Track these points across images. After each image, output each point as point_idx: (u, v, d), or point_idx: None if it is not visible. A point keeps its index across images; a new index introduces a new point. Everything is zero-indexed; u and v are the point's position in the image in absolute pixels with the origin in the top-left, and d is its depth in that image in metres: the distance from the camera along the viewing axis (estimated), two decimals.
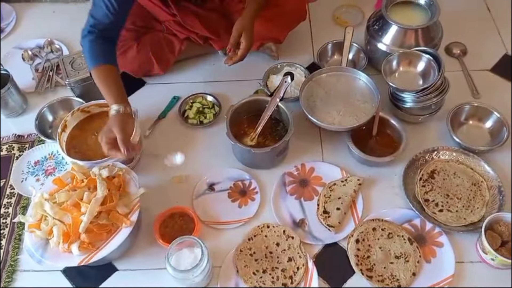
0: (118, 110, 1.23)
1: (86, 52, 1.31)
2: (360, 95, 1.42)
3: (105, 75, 1.28)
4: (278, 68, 1.62)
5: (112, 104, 1.24)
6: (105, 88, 1.27)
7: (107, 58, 1.31)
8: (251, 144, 1.40)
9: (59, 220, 1.16)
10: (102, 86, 1.28)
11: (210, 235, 1.31)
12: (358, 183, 1.35)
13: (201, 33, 1.57)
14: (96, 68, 1.28)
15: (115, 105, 1.24)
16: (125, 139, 1.19)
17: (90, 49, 1.30)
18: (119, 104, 1.24)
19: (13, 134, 1.52)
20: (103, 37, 1.30)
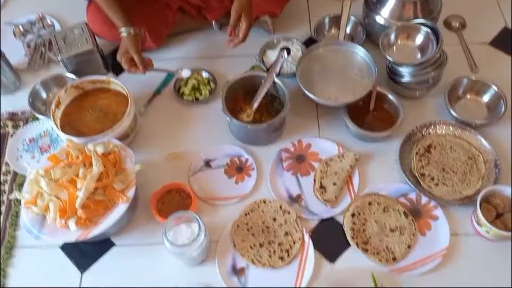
0: (129, 32, 1.37)
1: None
2: (357, 69, 1.41)
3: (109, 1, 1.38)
4: (275, 43, 1.59)
5: (122, 26, 1.37)
6: (113, 12, 1.38)
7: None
8: (248, 120, 1.39)
9: (55, 196, 1.16)
10: (110, 11, 1.38)
11: (207, 211, 1.31)
12: (354, 158, 1.35)
13: (193, 1, 1.54)
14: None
15: (125, 27, 1.37)
16: (141, 58, 1.38)
17: None
18: (129, 27, 1.37)
19: (7, 112, 1.51)
20: None
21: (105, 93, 1.42)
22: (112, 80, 1.40)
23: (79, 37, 1.49)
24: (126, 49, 1.38)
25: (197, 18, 1.61)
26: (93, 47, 1.48)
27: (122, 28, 1.37)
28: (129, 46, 1.37)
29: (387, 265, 1.19)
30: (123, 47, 1.39)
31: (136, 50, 1.38)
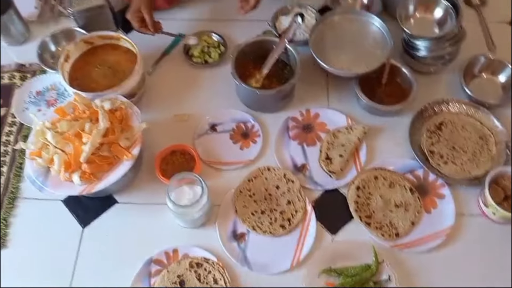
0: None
1: None
2: (372, 40, 1.37)
3: None
4: (288, 9, 1.55)
5: None
6: None
7: None
8: (256, 86, 1.37)
9: (60, 149, 1.15)
10: None
11: (210, 174, 1.30)
12: (363, 131, 1.33)
13: None
14: None
15: None
16: (152, 19, 1.39)
17: None
18: None
19: (15, 63, 1.49)
20: None
21: (115, 49, 1.40)
22: (122, 36, 1.38)
23: None
24: (138, 7, 1.36)
25: None
26: (105, 2, 1.46)
27: None
28: (142, 5, 1.35)
29: (389, 240, 1.18)
30: (135, 5, 1.37)
31: (148, 11, 1.37)
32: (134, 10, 1.37)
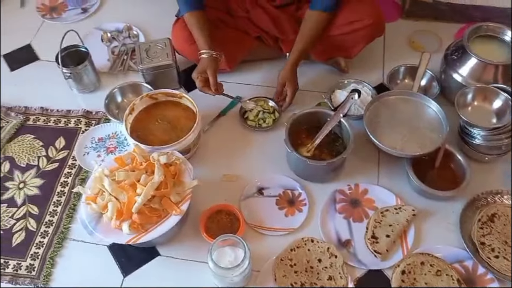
0: (210, 55, 1.43)
1: None
2: (427, 123, 1.38)
3: (199, 21, 1.45)
4: (345, 84, 1.60)
5: (205, 48, 1.44)
6: (199, 33, 1.45)
7: (199, 4, 1.47)
8: (307, 155, 1.39)
9: (115, 197, 1.20)
10: (196, 31, 1.45)
11: (253, 238, 1.31)
12: (412, 213, 1.31)
13: (271, 31, 1.58)
14: (190, 14, 1.46)
15: (208, 50, 1.43)
16: (216, 81, 1.44)
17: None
18: (211, 50, 1.43)
19: (83, 109, 1.59)
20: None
21: (176, 106, 1.47)
22: (184, 95, 1.45)
23: (161, 51, 1.57)
24: (204, 69, 1.43)
25: (273, 48, 1.65)
26: (172, 62, 1.56)
27: (204, 49, 1.43)
28: (208, 67, 1.43)
29: None
30: (201, 67, 1.45)
31: (212, 72, 1.43)
32: (200, 71, 1.45)
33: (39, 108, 1.60)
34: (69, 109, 1.59)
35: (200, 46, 1.45)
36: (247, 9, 1.58)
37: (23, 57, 1.77)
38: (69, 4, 1.93)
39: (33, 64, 1.75)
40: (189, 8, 1.46)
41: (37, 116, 1.58)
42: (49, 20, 1.89)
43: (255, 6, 1.57)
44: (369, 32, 1.53)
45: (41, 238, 1.32)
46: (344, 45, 1.56)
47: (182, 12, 1.49)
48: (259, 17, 1.57)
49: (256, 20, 1.58)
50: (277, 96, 1.56)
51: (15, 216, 1.36)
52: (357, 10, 1.49)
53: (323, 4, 1.45)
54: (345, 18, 1.49)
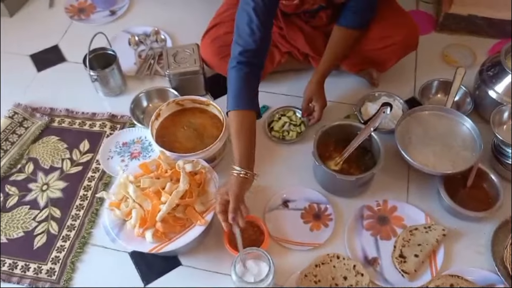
0: (240, 173, 1.17)
1: (232, 86, 1.24)
2: (461, 140, 1.34)
3: (242, 126, 1.22)
4: (376, 96, 1.56)
5: (238, 163, 1.18)
6: (238, 142, 1.21)
7: (250, 103, 1.25)
8: (335, 168, 1.36)
9: (139, 204, 1.18)
10: (236, 138, 1.21)
11: (277, 251, 1.28)
12: (442, 233, 1.27)
13: (303, 49, 1.56)
14: (236, 113, 1.22)
15: (240, 168, 1.18)
16: (236, 207, 1.15)
17: (235, 86, 1.23)
18: (244, 168, 1.18)
19: (108, 113, 1.58)
20: (251, 65, 1.24)
21: (202, 113, 1.45)
22: (212, 102, 1.43)
23: (188, 56, 1.55)
24: (227, 190, 1.16)
25: (302, 62, 1.62)
26: (200, 68, 1.54)
27: (238, 166, 1.18)
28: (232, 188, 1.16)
29: None
30: (228, 185, 1.17)
31: (234, 198, 1.14)
32: (222, 191, 1.18)
33: (64, 110, 1.59)
34: (95, 112, 1.58)
35: (236, 159, 1.20)
36: (280, 26, 1.55)
37: (50, 58, 1.77)
38: (97, 6, 1.93)
39: (60, 65, 1.75)
40: (236, 106, 1.22)
41: (62, 118, 1.57)
42: (77, 22, 1.89)
43: (289, 24, 1.53)
44: (402, 48, 1.50)
45: (63, 242, 1.30)
46: (376, 59, 1.53)
47: (228, 107, 1.24)
48: (293, 35, 1.53)
49: (290, 37, 1.54)
50: (304, 113, 1.50)
51: (37, 219, 1.35)
52: (391, 25, 1.46)
53: (350, 21, 1.41)
54: (378, 33, 1.46)
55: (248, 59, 1.23)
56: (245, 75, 1.23)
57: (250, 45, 1.23)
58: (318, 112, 1.48)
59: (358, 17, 1.41)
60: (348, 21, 1.41)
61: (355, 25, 1.42)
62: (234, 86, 1.24)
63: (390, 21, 1.46)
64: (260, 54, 1.27)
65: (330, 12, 1.49)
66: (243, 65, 1.23)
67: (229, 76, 1.26)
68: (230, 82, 1.25)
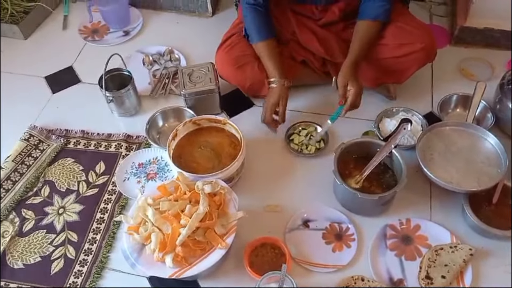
0: (282, 83, 1.44)
1: (250, 22, 1.48)
2: (484, 157, 1.31)
3: (270, 50, 1.46)
4: (393, 112, 1.54)
5: (278, 77, 1.44)
6: (272, 62, 1.45)
7: (272, 32, 1.49)
8: (355, 186, 1.33)
9: (158, 228, 1.16)
10: (269, 60, 1.46)
11: (299, 273, 1.24)
12: (469, 253, 1.23)
13: (317, 53, 1.55)
14: (263, 42, 1.46)
15: (281, 78, 1.44)
16: (285, 112, 1.47)
17: (254, 21, 1.47)
18: (284, 78, 1.44)
19: (123, 133, 1.57)
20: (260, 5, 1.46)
21: (219, 132, 1.44)
22: (228, 121, 1.41)
23: (204, 76, 1.54)
24: (279, 99, 1.45)
25: (320, 73, 1.60)
26: (216, 87, 1.53)
27: (279, 78, 1.44)
28: (282, 97, 1.45)
29: None
30: (275, 97, 1.45)
31: (285, 104, 1.46)
32: (274, 101, 1.45)
33: (80, 131, 1.58)
34: (110, 133, 1.57)
35: (271, 74, 1.45)
36: (294, 31, 1.55)
37: (65, 79, 1.76)
38: (111, 27, 1.93)
39: (75, 86, 1.75)
40: (262, 37, 1.47)
41: (78, 139, 1.56)
42: (91, 43, 1.89)
43: (301, 26, 1.54)
44: (421, 56, 1.48)
45: (80, 267, 1.28)
46: (395, 69, 1.51)
47: (253, 41, 1.49)
48: (306, 37, 1.54)
49: (303, 40, 1.55)
50: (341, 99, 1.41)
51: (54, 243, 1.33)
52: (409, 33, 1.45)
53: (371, 13, 1.42)
54: (397, 40, 1.45)
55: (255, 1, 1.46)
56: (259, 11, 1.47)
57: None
58: (353, 97, 1.39)
59: (378, 9, 1.42)
60: (369, 13, 1.43)
61: (377, 16, 1.43)
62: (254, 21, 1.48)
63: (408, 29, 1.46)
64: None
65: (343, 6, 1.50)
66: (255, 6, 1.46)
67: (245, 14, 1.49)
68: (248, 19, 1.48)
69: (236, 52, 1.51)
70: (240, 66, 1.50)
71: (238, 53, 1.51)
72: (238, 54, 1.51)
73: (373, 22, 1.44)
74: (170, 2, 1.97)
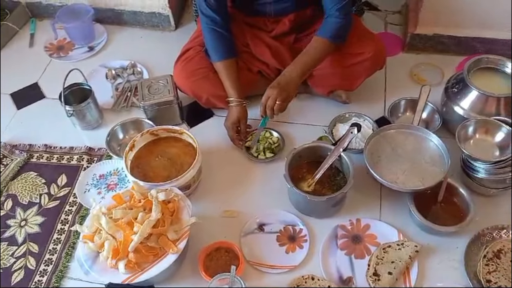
0: (241, 103, 1.50)
1: (209, 42, 1.52)
2: (428, 157, 1.36)
3: (229, 69, 1.51)
4: (346, 117, 1.60)
5: (236, 96, 1.50)
6: (230, 81, 1.50)
7: (231, 51, 1.52)
8: (308, 190, 1.38)
9: (111, 235, 1.19)
10: (227, 80, 1.50)
11: (253, 276, 1.29)
12: (415, 249, 1.28)
13: (271, 63, 1.60)
14: (221, 62, 1.51)
15: (237, 98, 1.49)
16: (246, 130, 1.56)
17: (212, 41, 1.51)
18: (242, 98, 1.50)
19: (85, 146, 1.61)
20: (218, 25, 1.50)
21: (177, 142, 1.48)
22: (185, 131, 1.46)
23: (162, 87, 1.59)
24: (238, 119, 1.52)
25: None
26: (174, 98, 1.58)
27: (233, 97, 1.50)
28: (241, 117, 1.52)
29: None
30: (234, 116, 1.52)
31: (245, 122, 1.54)
32: (234, 121, 1.52)
33: (43, 145, 1.62)
34: (72, 146, 1.61)
35: (230, 94, 1.50)
36: (247, 42, 1.61)
37: (30, 95, 1.81)
38: (76, 43, 1.98)
39: (39, 102, 1.79)
40: (220, 57, 1.50)
41: (41, 153, 1.60)
42: (56, 59, 1.94)
43: (254, 39, 1.60)
44: (370, 65, 1.55)
45: (40, 277, 1.31)
46: (345, 77, 1.57)
47: (212, 60, 1.53)
48: (259, 49, 1.60)
49: (257, 52, 1.61)
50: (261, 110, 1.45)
51: (15, 255, 1.36)
52: (358, 44, 1.52)
53: (331, 33, 1.43)
54: (347, 50, 1.51)
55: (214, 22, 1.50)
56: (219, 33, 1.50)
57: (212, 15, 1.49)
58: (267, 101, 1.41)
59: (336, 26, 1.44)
60: (327, 32, 1.44)
61: (335, 38, 1.44)
62: (213, 41, 1.51)
63: (357, 39, 1.52)
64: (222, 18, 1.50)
65: (293, 17, 1.55)
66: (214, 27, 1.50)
67: (204, 34, 1.53)
68: (207, 39, 1.53)
69: (193, 65, 1.56)
70: (196, 80, 1.55)
71: (195, 66, 1.56)
72: (195, 68, 1.55)
73: (329, 41, 1.44)
74: (134, 17, 2.03)
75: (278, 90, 1.40)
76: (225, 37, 1.51)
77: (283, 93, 1.40)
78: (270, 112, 1.43)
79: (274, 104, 1.41)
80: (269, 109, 1.42)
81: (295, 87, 1.43)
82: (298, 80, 1.43)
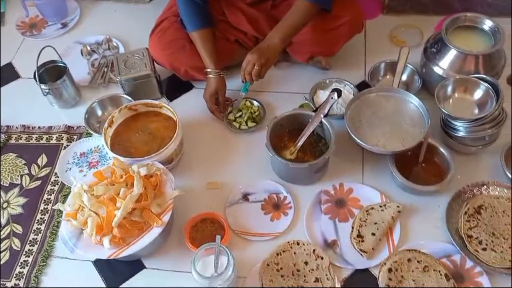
0: (218, 74, 1.48)
1: (183, 11, 1.47)
2: (409, 118, 1.37)
3: (205, 39, 1.47)
4: (327, 84, 1.59)
5: (213, 67, 1.47)
6: (207, 52, 1.47)
7: (206, 21, 1.48)
8: (290, 158, 1.38)
9: (94, 212, 1.19)
10: (204, 50, 1.47)
11: (239, 244, 1.30)
12: (397, 210, 1.30)
13: (248, 31, 1.58)
14: (197, 32, 1.47)
15: (215, 69, 1.47)
16: (225, 101, 1.54)
17: (186, 10, 1.47)
18: (217, 69, 1.47)
19: (64, 125, 1.58)
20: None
21: (157, 116, 1.46)
22: (164, 105, 1.44)
23: (139, 61, 1.56)
24: (215, 91, 1.50)
25: None
26: (151, 72, 1.55)
27: (210, 69, 1.47)
28: (219, 88, 1.50)
29: None
30: (212, 88, 1.50)
31: (224, 93, 1.52)
32: (212, 92, 1.50)
33: (20, 126, 1.59)
34: (51, 126, 1.59)
35: (207, 65, 1.48)
36: (223, 11, 1.57)
37: (4, 76, 1.76)
38: (48, 20, 1.93)
39: (15, 82, 1.75)
40: (195, 27, 1.47)
41: (19, 134, 1.57)
42: (29, 37, 1.88)
43: (230, 7, 1.56)
44: (349, 29, 1.53)
45: (26, 257, 1.31)
46: (324, 43, 1.55)
47: (187, 29, 1.49)
48: (236, 17, 1.56)
49: (233, 21, 1.57)
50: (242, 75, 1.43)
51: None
52: (336, 6, 1.47)
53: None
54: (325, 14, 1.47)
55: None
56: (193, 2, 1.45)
57: None
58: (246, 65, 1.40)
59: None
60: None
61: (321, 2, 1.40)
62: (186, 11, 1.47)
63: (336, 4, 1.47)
64: None
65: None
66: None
67: (179, 4, 1.47)
68: (181, 9, 1.48)
69: (168, 37, 1.53)
70: (173, 52, 1.52)
71: (171, 37, 1.53)
72: (171, 39, 1.52)
73: (314, 4, 1.39)
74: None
75: (258, 55, 1.38)
76: (200, 6, 1.46)
77: (262, 58, 1.38)
78: (249, 77, 1.41)
79: (252, 69, 1.39)
80: (247, 73, 1.41)
81: (275, 52, 1.41)
82: (280, 44, 1.40)
